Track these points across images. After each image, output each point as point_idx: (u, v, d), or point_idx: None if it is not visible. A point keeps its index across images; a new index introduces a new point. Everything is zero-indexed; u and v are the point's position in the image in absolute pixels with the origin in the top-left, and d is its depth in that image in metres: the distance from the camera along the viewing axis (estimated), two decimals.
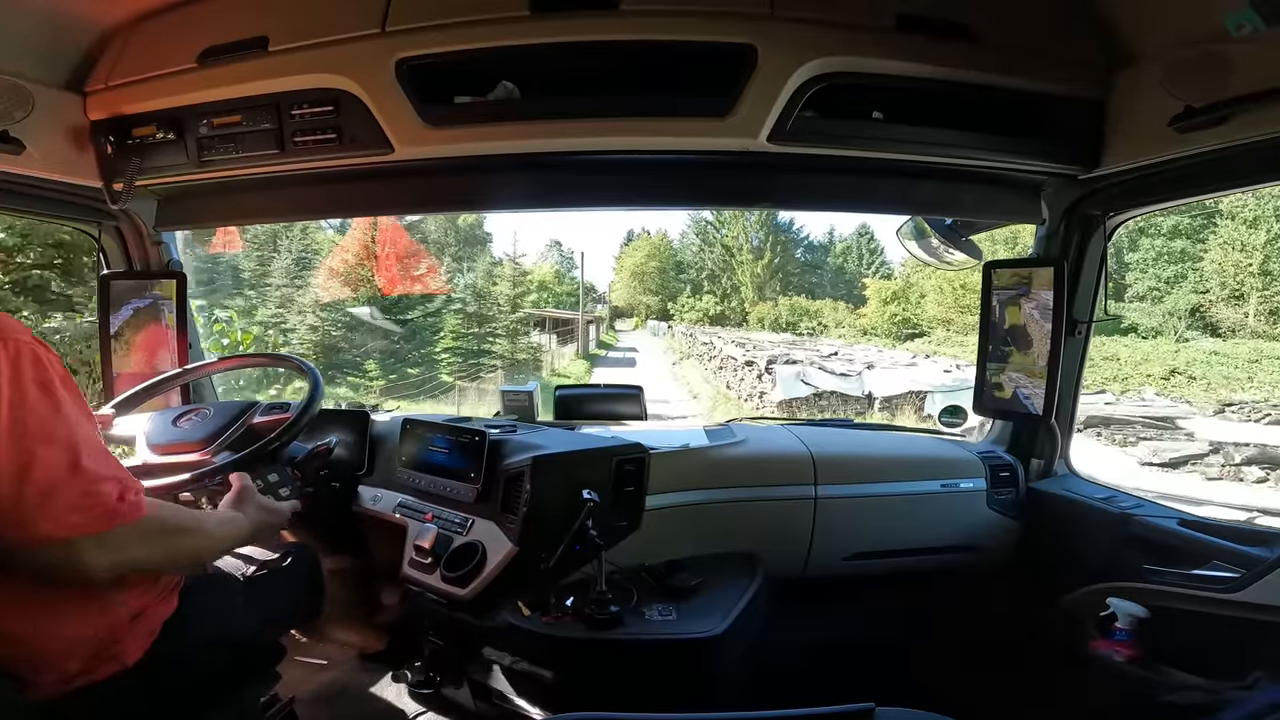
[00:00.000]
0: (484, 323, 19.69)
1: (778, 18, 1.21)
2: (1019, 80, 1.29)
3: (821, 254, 41.40)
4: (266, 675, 1.24)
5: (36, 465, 0.75)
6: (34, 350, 0.79)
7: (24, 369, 0.77)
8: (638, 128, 1.29)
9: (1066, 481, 1.77)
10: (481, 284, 21.12)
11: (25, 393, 0.76)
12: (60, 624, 0.83)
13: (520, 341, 20.43)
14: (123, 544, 0.81)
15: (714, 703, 1.26)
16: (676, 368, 24.38)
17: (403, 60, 1.26)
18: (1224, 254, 21.26)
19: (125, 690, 0.88)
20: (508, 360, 19.07)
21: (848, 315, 33.27)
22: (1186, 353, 18.38)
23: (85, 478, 0.79)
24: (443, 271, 21.07)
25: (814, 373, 14.47)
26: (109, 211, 1.58)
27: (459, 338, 19.19)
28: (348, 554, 1.61)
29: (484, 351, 19.08)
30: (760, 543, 1.62)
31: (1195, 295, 21.70)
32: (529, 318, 22.67)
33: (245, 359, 1.69)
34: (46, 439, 0.77)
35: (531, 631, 1.24)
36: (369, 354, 17.31)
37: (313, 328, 15.46)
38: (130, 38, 1.39)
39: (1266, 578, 1.22)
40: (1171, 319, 21.51)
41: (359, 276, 15.64)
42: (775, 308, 35.55)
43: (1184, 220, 21.74)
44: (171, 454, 1.35)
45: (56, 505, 0.76)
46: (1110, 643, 1.43)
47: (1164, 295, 22.22)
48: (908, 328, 28.91)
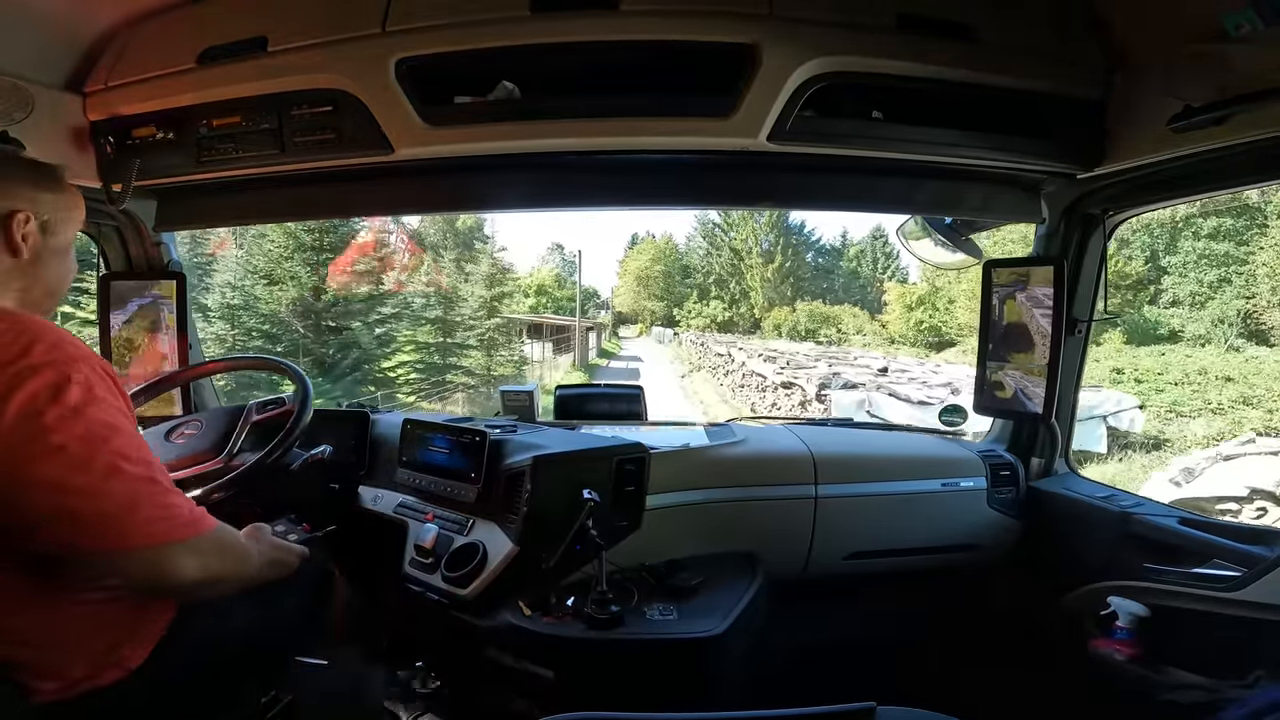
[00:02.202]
0: (451, 330, 16.12)
1: (778, 17, 1.21)
2: (1019, 80, 1.29)
3: (834, 258, 40.29)
4: (267, 676, 1.24)
5: (121, 478, 0.78)
6: (104, 367, 0.82)
7: (98, 387, 0.79)
8: (638, 127, 1.29)
9: (1067, 480, 1.77)
10: (448, 283, 17.54)
11: (104, 410, 0.79)
12: (66, 629, 0.83)
13: (500, 354, 16.95)
14: (206, 552, 0.85)
15: (715, 702, 1.26)
16: (686, 381, 21.58)
17: (403, 60, 1.26)
18: (1276, 256, 19.39)
19: (127, 695, 0.88)
20: (481, 377, 15.94)
21: (868, 322, 31.37)
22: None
23: (160, 489, 0.82)
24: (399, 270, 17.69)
25: (885, 401, 10.16)
26: (109, 212, 1.58)
27: (419, 349, 15.90)
28: (348, 554, 1.61)
29: (449, 366, 15.80)
30: (761, 542, 1.62)
31: (1240, 301, 19.87)
32: (514, 324, 19.77)
33: (231, 363, 1.69)
34: (125, 454, 0.79)
35: (532, 631, 1.24)
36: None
37: (220, 338, 11.60)
38: (130, 38, 1.39)
39: (1267, 576, 1.22)
40: (1221, 326, 19.78)
41: (285, 274, 12.78)
42: (793, 313, 34.00)
43: (1226, 221, 20.43)
44: (183, 468, 1.34)
45: (139, 516, 0.78)
46: (1111, 641, 1.44)
47: (1207, 300, 20.64)
48: (935, 335, 26.77)
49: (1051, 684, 1.53)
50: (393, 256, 17.54)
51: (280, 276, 12.84)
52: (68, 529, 0.75)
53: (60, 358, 0.77)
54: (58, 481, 0.74)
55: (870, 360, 17.32)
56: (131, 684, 0.88)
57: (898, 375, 13.44)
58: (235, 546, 0.94)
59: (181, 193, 1.66)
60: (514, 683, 1.31)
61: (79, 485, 0.75)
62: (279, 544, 1.14)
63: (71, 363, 0.77)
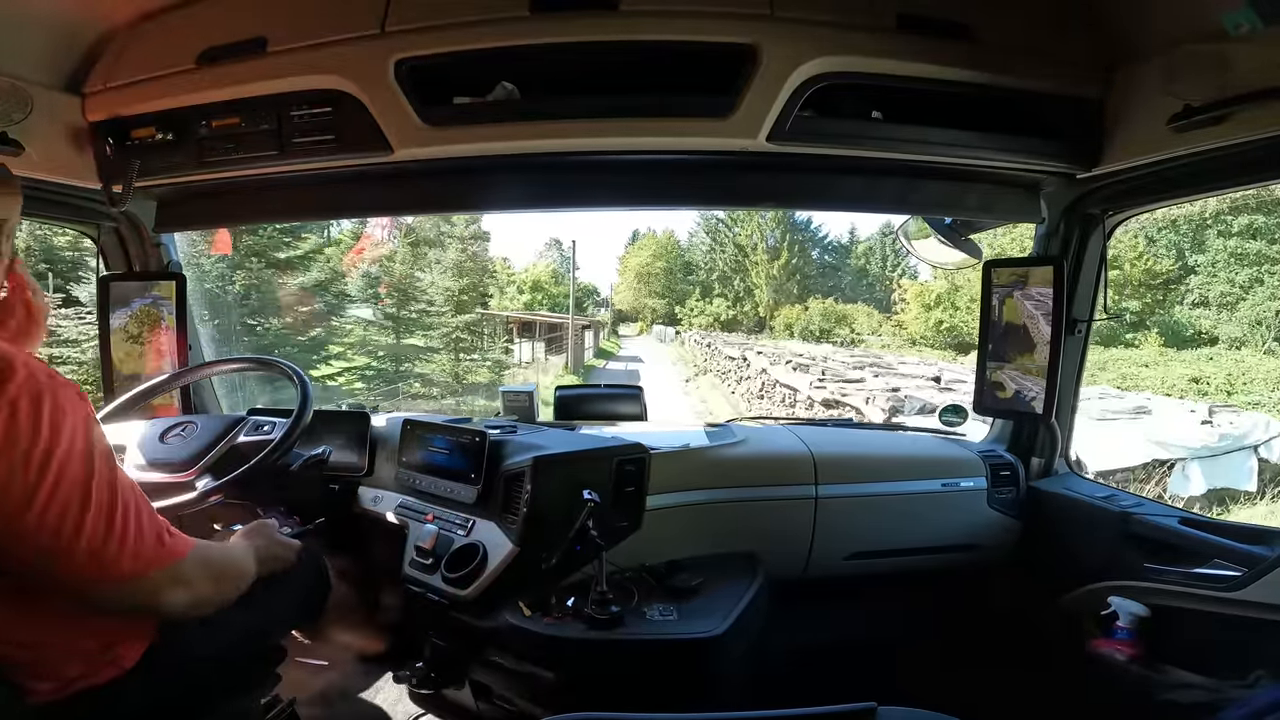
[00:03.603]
0: (404, 330, 12.68)
1: (777, 18, 1.21)
2: (1019, 80, 1.29)
3: (841, 255, 39.17)
4: (267, 677, 1.24)
5: (118, 504, 0.78)
6: (80, 393, 0.80)
7: (81, 414, 0.78)
8: (637, 128, 1.29)
9: (1067, 480, 1.77)
10: (401, 271, 13.62)
11: (89, 438, 0.78)
12: (61, 629, 0.83)
13: (469, 359, 13.57)
14: (191, 577, 0.85)
15: (715, 703, 1.26)
16: (691, 386, 18.74)
17: (402, 61, 1.26)
18: None
19: (123, 694, 0.88)
20: (444, 386, 12.79)
21: (884, 322, 29.40)
22: None
23: (145, 514, 0.82)
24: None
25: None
26: (108, 213, 1.58)
27: (364, 348, 12.32)
28: (348, 555, 1.61)
29: (401, 375, 12.48)
30: (761, 543, 1.62)
31: (1277, 301, 19.29)
32: (491, 321, 16.29)
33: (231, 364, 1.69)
34: (114, 481, 0.79)
35: (532, 632, 1.24)
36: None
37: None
38: (129, 39, 1.39)
39: (1268, 576, 1.22)
40: (1259, 328, 19.24)
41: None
42: (806, 312, 32.19)
43: (1259, 219, 19.97)
44: (154, 473, 1.35)
45: (131, 542, 0.78)
46: (1111, 641, 1.44)
47: (1238, 301, 20.09)
48: (956, 336, 25.19)
49: (1051, 684, 1.53)
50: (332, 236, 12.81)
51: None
52: (39, 561, 0.74)
53: (33, 388, 0.74)
54: (16, 515, 0.72)
55: (916, 367, 14.31)
56: (127, 683, 0.88)
57: (952, 384, 10.93)
58: (222, 562, 0.94)
59: (181, 194, 1.66)
60: (514, 683, 1.31)
61: (42, 520, 0.73)
62: (277, 539, 1.15)
63: (46, 391, 0.75)
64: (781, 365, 13.27)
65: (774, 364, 13.68)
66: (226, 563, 0.96)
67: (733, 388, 15.30)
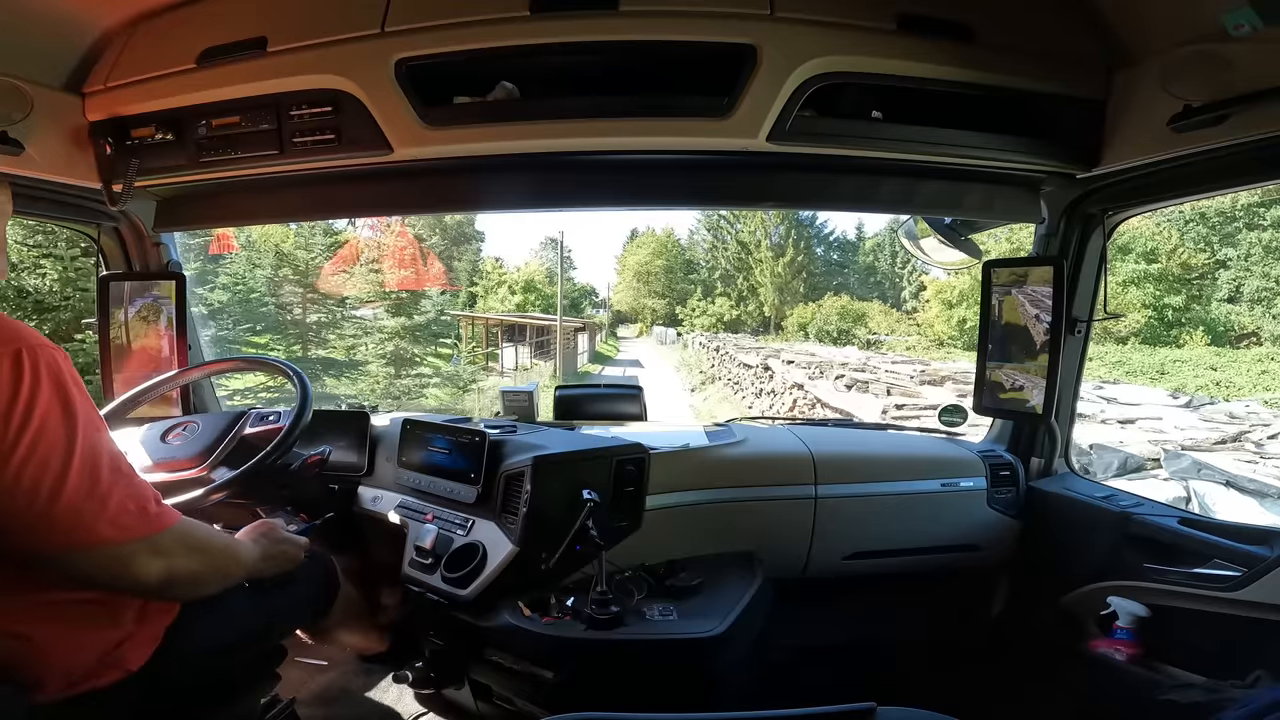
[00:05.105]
0: (316, 339, 9.37)
1: (778, 18, 1.21)
2: (1019, 80, 1.29)
3: (849, 252, 37.61)
4: (268, 676, 1.24)
5: (101, 467, 0.77)
6: (63, 354, 0.80)
7: (64, 375, 0.78)
8: (637, 128, 1.29)
9: (1067, 480, 1.77)
10: (305, 257, 9.86)
11: (71, 399, 0.77)
12: (69, 630, 0.83)
13: (410, 377, 10.47)
14: (170, 550, 0.83)
15: (715, 703, 1.26)
16: (697, 397, 16.20)
17: (402, 60, 1.26)
18: None
19: (127, 696, 0.88)
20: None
21: (901, 320, 27.62)
22: None
23: (128, 480, 0.80)
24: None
25: (1214, 493, 5.08)
26: (108, 213, 1.58)
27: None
28: (348, 555, 1.61)
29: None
30: (760, 542, 1.62)
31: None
32: (468, 324, 13.80)
33: (231, 363, 1.69)
34: (97, 444, 0.78)
35: (532, 632, 1.24)
36: None
37: None
38: (129, 38, 1.39)
39: (1267, 576, 1.22)
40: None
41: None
42: (820, 310, 29.57)
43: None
44: (164, 471, 1.35)
45: (112, 508, 0.77)
46: (1111, 641, 1.44)
47: (1275, 296, 19.59)
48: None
49: (1051, 684, 1.53)
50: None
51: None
52: (15, 523, 0.73)
53: (13, 348, 0.74)
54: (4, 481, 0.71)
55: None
56: (132, 685, 0.88)
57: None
58: (207, 543, 0.91)
59: (181, 194, 1.66)
60: (514, 683, 1.31)
61: (19, 478, 0.72)
62: (283, 537, 1.14)
63: (26, 351, 0.75)
64: (828, 381, 9.67)
65: (813, 379, 10.23)
66: (212, 545, 0.92)
67: (750, 403, 12.47)
